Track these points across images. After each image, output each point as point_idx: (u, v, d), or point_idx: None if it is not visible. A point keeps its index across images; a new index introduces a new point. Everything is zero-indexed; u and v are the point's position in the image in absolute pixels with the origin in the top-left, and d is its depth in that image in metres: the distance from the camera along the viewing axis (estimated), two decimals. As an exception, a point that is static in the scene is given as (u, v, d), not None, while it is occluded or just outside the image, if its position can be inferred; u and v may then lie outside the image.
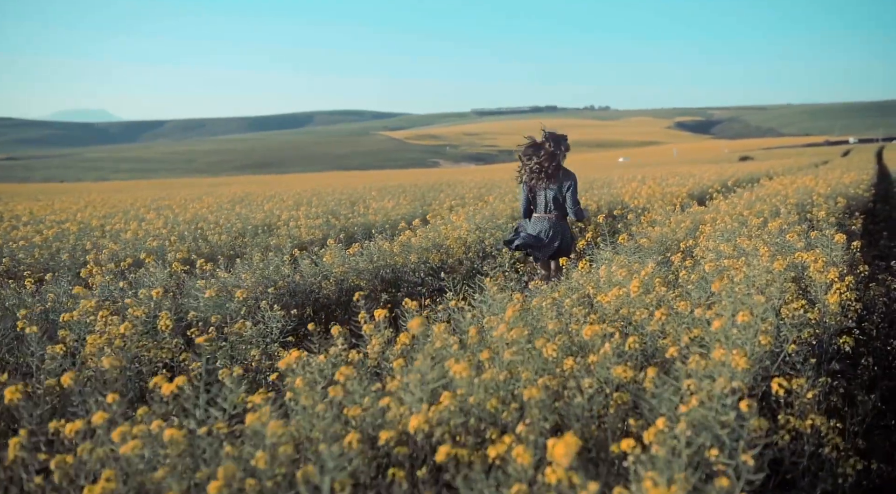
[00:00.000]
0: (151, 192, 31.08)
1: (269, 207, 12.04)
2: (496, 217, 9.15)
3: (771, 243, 5.70)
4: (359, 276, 5.97)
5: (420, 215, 11.48)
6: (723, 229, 7.29)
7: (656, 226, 8.47)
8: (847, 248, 6.03)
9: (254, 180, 53.97)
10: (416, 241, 6.57)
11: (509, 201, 11.62)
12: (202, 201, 16.27)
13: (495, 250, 7.87)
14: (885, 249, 10.16)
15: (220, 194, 22.20)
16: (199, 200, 17.09)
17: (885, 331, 5.29)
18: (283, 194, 21.00)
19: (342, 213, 10.67)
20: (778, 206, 8.56)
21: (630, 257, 5.44)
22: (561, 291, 4.22)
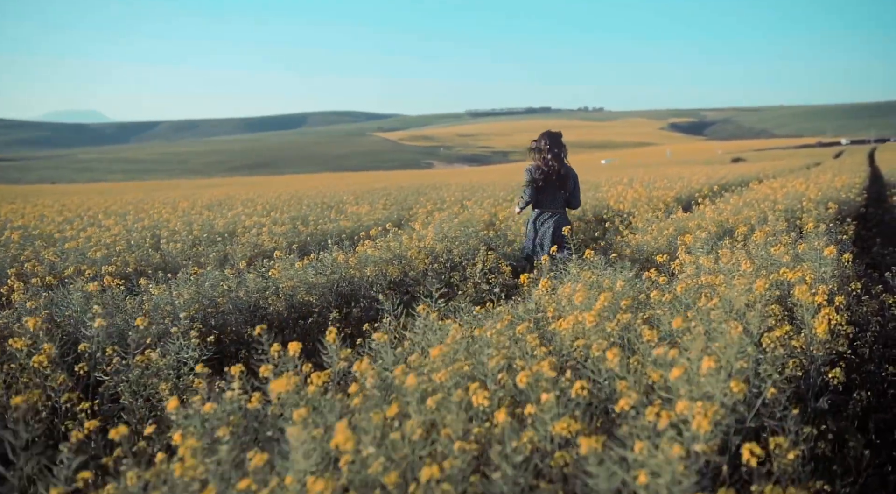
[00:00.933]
0: (134, 194, 30.50)
1: (235, 213, 11.51)
2: (471, 224, 8.68)
3: (756, 256, 5.25)
4: (310, 291, 5.49)
5: (396, 220, 11.01)
6: (706, 239, 6.84)
7: (638, 233, 8.02)
8: (838, 260, 5.59)
9: (242, 182, 53.40)
10: (373, 252, 6.07)
11: (488, 206, 11.15)
12: (176, 205, 15.75)
13: (466, 260, 7.40)
14: (879, 256, 9.71)
15: (200, 197, 21.67)
16: (173, 204, 16.56)
17: (879, 353, 4.85)
18: (263, 196, 20.49)
19: (311, 219, 10.17)
20: (766, 212, 8.12)
21: (602, 271, 4.97)
22: (509, 318, 3.75)
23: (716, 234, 6.74)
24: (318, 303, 5.41)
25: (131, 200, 22.16)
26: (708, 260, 4.87)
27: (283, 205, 14.66)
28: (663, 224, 7.97)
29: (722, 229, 7.27)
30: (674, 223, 7.94)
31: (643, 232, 7.87)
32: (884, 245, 10.50)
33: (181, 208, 15.31)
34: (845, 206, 10.55)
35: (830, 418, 3.47)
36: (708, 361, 2.22)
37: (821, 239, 5.74)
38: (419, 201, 14.70)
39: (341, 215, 11.03)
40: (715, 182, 16.50)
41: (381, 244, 6.56)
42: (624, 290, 4.05)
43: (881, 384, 4.50)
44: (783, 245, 5.77)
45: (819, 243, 4.99)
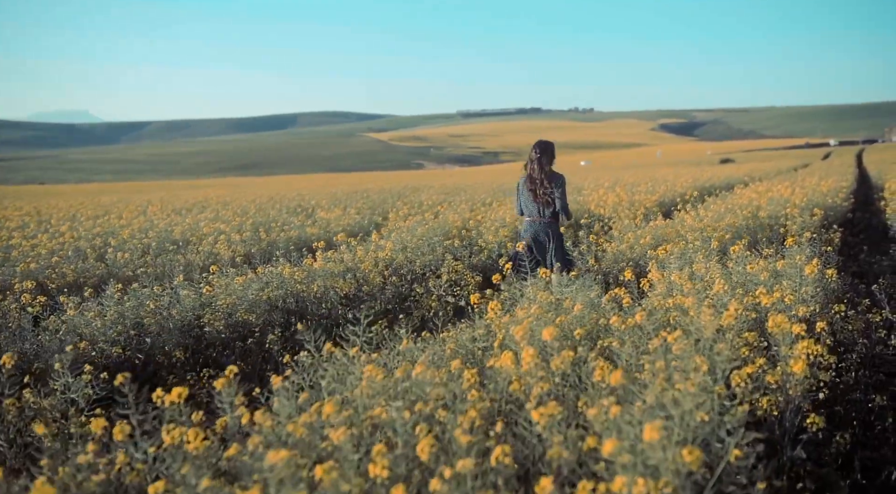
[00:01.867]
0: (113, 196, 29.89)
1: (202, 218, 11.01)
2: (437, 232, 8.24)
3: (734, 271, 4.83)
4: (251, 309, 5.03)
5: (367, 226, 10.56)
6: (683, 251, 6.43)
7: (614, 241, 7.61)
8: (821, 276, 5.18)
9: (227, 183, 52.77)
10: (322, 265, 5.60)
11: (463, 210, 10.73)
12: (146, 209, 15.25)
13: (430, 271, 6.96)
14: (866, 264, 9.34)
15: (176, 200, 21.14)
16: (144, 207, 16.06)
17: (865, 379, 4.45)
18: (239, 199, 19.99)
19: (274, 225, 9.70)
20: (748, 220, 7.73)
21: (563, 289, 4.55)
22: (451, 347, 3.31)
23: (693, 245, 6.33)
24: (258, 322, 4.95)
25: (107, 202, 21.60)
26: (681, 277, 4.45)
27: (256, 209, 14.19)
28: (640, 232, 7.56)
29: (702, 238, 6.86)
30: (651, 232, 7.54)
31: (619, 240, 7.46)
32: (871, 252, 10.13)
33: (150, 212, 14.81)
34: (831, 211, 10.18)
35: (810, 463, 3.06)
36: (651, 430, 1.79)
37: (804, 252, 5.34)
38: (396, 205, 14.25)
39: (309, 220, 10.57)
40: (700, 185, 16.10)
41: (333, 257, 6.11)
42: (582, 313, 3.63)
43: (867, 416, 4.10)
44: (763, 258, 5.37)
45: (801, 257, 4.57)
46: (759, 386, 2.97)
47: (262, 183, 48.05)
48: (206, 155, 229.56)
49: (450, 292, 6.65)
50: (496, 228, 8.44)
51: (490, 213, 10.39)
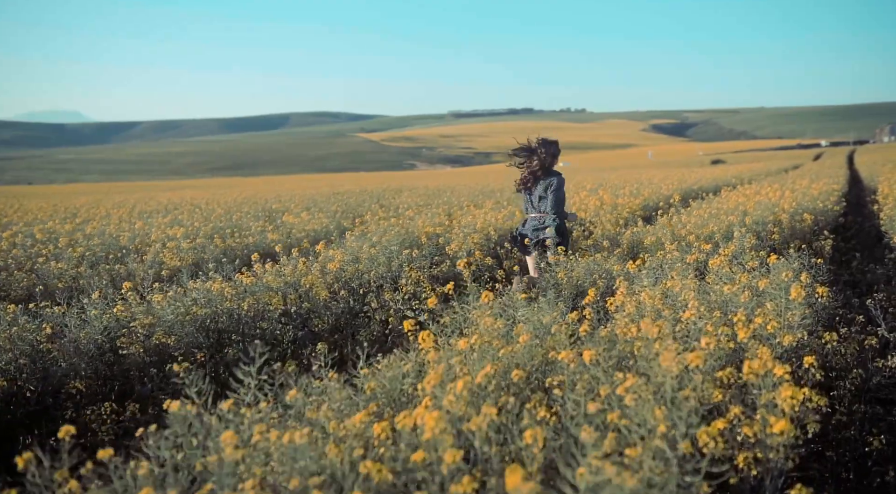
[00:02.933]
0: (89, 198, 29.18)
1: (146, 224, 10.36)
2: (406, 238, 7.68)
3: (713, 289, 4.29)
4: (170, 330, 4.46)
5: (334, 231, 9.98)
6: (659, 263, 5.90)
7: (587, 251, 7.07)
8: (811, 292, 4.65)
9: (212, 184, 52.06)
10: (250, 281, 5.01)
11: (436, 215, 10.17)
12: (109, 212, 14.62)
13: (387, 283, 6.39)
14: (859, 272, 8.83)
15: (149, 202, 20.50)
16: (107, 209, 15.43)
17: (860, 414, 3.91)
18: (216, 201, 19.38)
19: (229, 231, 9.11)
20: (733, 226, 7.20)
21: (518, 310, 4.00)
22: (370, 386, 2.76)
23: (671, 256, 5.80)
24: (177, 346, 4.38)
25: (79, 204, 20.92)
26: (651, 296, 3.91)
27: (224, 212, 13.60)
28: (619, 239, 7.04)
29: (680, 248, 6.33)
30: (628, 239, 7.00)
31: (596, 248, 6.92)
32: (864, 259, 9.63)
33: (116, 216, 14.19)
34: (822, 216, 9.68)
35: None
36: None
37: (791, 265, 4.81)
38: (371, 209, 13.68)
39: (270, 225, 9.99)
40: (687, 188, 15.59)
41: (271, 270, 5.52)
42: (530, 345, 3.07)
43: (863, 459, 3.57)
44: (747, 273, 4.83)
45: (787, 274, 4.03)
46: (734, 443, 2.43)
47: (246, 184, 47.37)
48: (195, 155, 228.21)
49: (408, 305, 6.09)
50: (465, 234, 7.89)
51: (464, 218, 9.82)
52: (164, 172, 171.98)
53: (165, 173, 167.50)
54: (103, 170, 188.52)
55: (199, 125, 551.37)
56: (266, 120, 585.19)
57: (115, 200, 24.20)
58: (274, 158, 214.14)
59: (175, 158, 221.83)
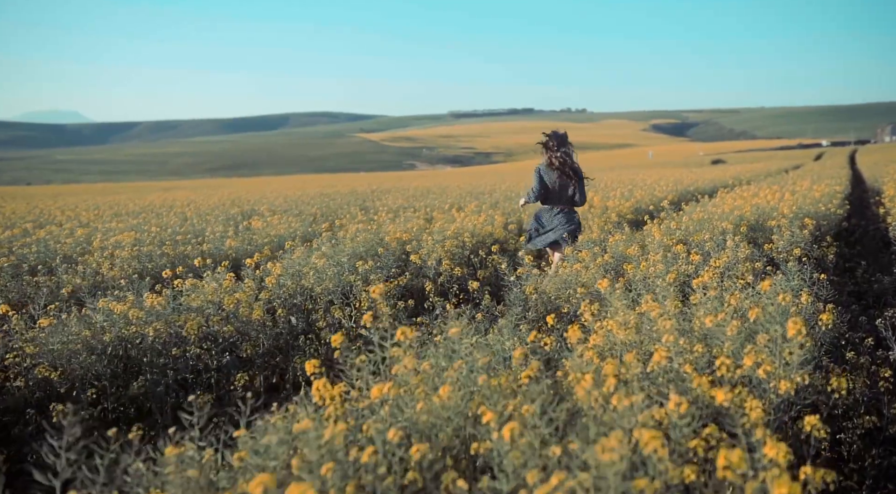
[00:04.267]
0: (75, 199, 28.50)
1: (88, 230, 9.63)
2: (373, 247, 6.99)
3: (696, 316, 3.62)
4: (56, 362, 3.79)
5: (304, 236, 9.31)
6: (644, 274, 5.22)
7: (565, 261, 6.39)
8: (813, 312, 3.98)
9: (204, 185, 51.38)
10: (161, 303, 4.30)
11: (404, 221, 9.49)
12: (79, 214, 13.95)
13: (340, 298, 5.70)
14: (864, 282, 8.15)
15: (130, 204, 19.83)
16: (76, 211, 14.76)
17: (877, 468, 3.22)
18: (196, 203, 18.71)
19: (178, 238, 8.43)
20: (727, 234, 6.52)
21: (464, 341, 3.33)
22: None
23: (655, 269, 5.13)
24: (62, 381, 3.71)
25: (54, 206, 20.24)
26: (618, 326, 3.23)
27: (195, 215, 12.93)
28: (596, 249, 6.36)
29: (668, 258, 5.66)
30: (611, 249, 6.33)
31: (573, 259, 6.24)
32: (869, 267, 8.94)
33: (85, 218, 13.53)
34: (824, 220, 9.00)
35: None
36: None
37: (790, 283, 4.13)
38: (351, 211, 13.01)
39: (231, 230, 9.30)
40: (683, 190, 14.88)
41: (191, 285, 4.83)
42: (453, 398, 2.40)
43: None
44: (737, 292, 4.16)
45: (785, 298, 3.36)
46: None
47: (239, 184, 46.67)
48: (194, 156, 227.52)
49: (361, 324, 5.42)
50: (434, 242, 7.21)
51: (438, 223, 9.12)
52: (163, 173, 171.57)
53: (164, 174, 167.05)
54: (102, 170, 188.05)
55: (198, 126, 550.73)
56: (265, 120, 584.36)
57: (96, 201, 23.52)
58: (273, 159, 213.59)
59: (173, 159, 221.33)
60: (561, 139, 6.73)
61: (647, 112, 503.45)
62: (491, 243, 9.05)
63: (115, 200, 23.41)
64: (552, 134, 6.77)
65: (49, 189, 54.19)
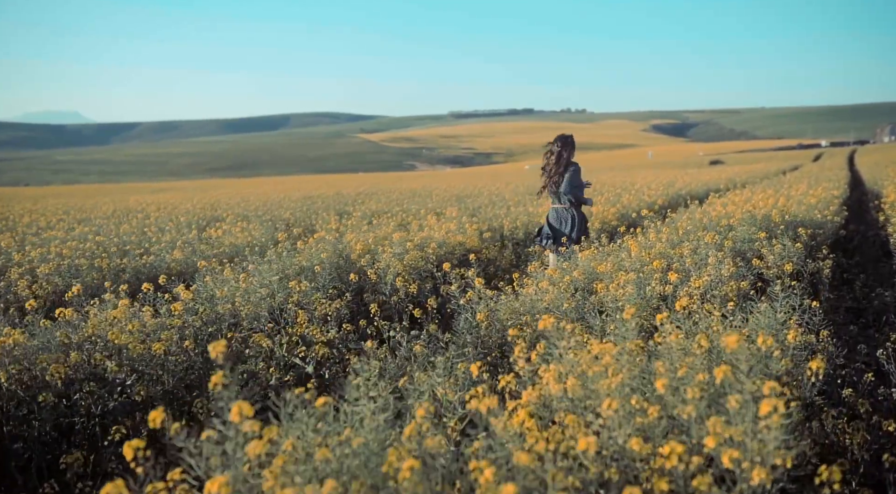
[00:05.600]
0: (57, 201, 27.84)
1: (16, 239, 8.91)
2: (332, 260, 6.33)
3: (663, 353, 2.98)
4: None
5: (262, 244, 8.65)
6: (613, 296, 4.58)
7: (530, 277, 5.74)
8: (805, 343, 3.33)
9: (197, 186, 50.72)
10: (17, 337, 3.61)
11: (360, 232, 8.85)
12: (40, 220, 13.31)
13: (269, 323, 5.05)
14: (863, 297, 7.50)
15: (103, 207, 19.18)
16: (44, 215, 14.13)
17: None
18: (168, 208, 18.07)
19: (114, 249, 7.78)
20: (710, 247, 5.87)
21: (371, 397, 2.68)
22: None
23: (622, 292, 4.49)
24: None
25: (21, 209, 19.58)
26: (555, 380, 2.59)
27: (154, 222, 12.29)
28: (565, 265, 5.71)
29: (641, 278, 5.01)
30: (584, 265, 5.68)
31: (538, 277, 5.61)
32: (868, 279, 8.29)
33: (43, 223, 12.89)
34: (821, 229, 8.35)
35: None
36: None
37: (775, 315, 3.48)
38: (324, 217, 12.36)
39: (182, 239, 8.64)
40: (674, 193, 14.21)
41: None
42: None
43: None
44: (715, 323, 3.51)
45: (766, 340, 2.71)
46: None
47: (232, 185, 46.01)
48: (194, 156, 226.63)
49: (293, 353, 4.78)
50: (389, 257, 6.56)
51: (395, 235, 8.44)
52: (163, 174, 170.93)
53: (164, 174, 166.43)
54: (102, 171, 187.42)
55: (198, 126, 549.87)
56: (266, 120, 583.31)
57: (75, 204, 22.84)
58: (273, 159, 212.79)
59: (174, 160, 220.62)
60: (563, 141, 7.06)
61: (647, 112, 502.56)
62: (462, 254, 8.41)
63: (93, 203, 22.75)
64: (557, 136, 7.14)
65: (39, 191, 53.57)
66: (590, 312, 4.62)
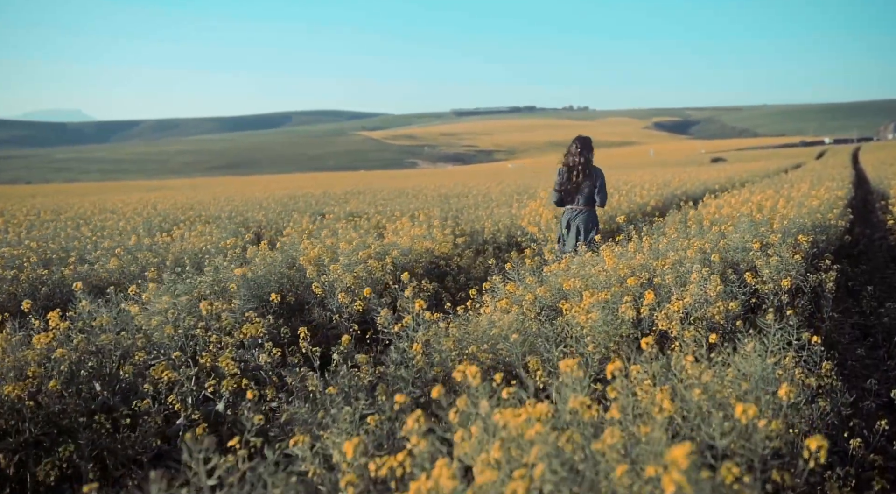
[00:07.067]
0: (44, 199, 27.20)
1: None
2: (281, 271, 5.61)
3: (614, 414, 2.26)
4: None
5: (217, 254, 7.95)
6: (578, 324, 3.86)
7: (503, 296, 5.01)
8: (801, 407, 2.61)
9: (191, 184, 50.05)
10: None
11: (326, 236, 8.13)
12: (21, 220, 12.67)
13: (166, 354, 4.34)
14: (871, 311, 6.74)
15: (76, 208, 18.51)
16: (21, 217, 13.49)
17: None
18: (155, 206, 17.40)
19: (54, 256, 7.08)
20: (694, 262, 5.14)
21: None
22: None
23: (584, 321, 3.77)
24: None
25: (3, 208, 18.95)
26: (448, 477, 1.88)
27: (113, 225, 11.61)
28: (530, 279, 4.99)
29: (614, 296, 4.29)
30: (548, 280, 4.96)
31: (505, 295, 4.89)
32: (876, 291, 7.52)
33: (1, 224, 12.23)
34: (823, 234, 7.61)
35: None
36: None
37: (764, 359, 2.77)
38: (295, 219, 11.65)
39: (112, 243, 7.94)
40: (669, 193, 13.45)
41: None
42: None
43: None
44: (689, 366, 2.79)
45: (748, 410, 2.00)
46: None
47: (226, 184, 45.32)
48: (195, 154, 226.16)
49: (201, 387, 4.07)
50: (339, 269, 5.83)
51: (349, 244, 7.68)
52: (163, 172, 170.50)
53: (164, 172, 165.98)
54: (103, 169, 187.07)
55: (200, 124, 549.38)
56: (268, 119, 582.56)
57: (55, 203, 22.18)
58: (274, 157, 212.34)
59: (174, 158, 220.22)
60: (583, 143, 6.95)
61: (649, 110, 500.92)
62: (430, 262, 7.69)
63: (74, 202, 22.07)
64: (576, 138, 7.05)
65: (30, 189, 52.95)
66: (550, 340, 3.90)
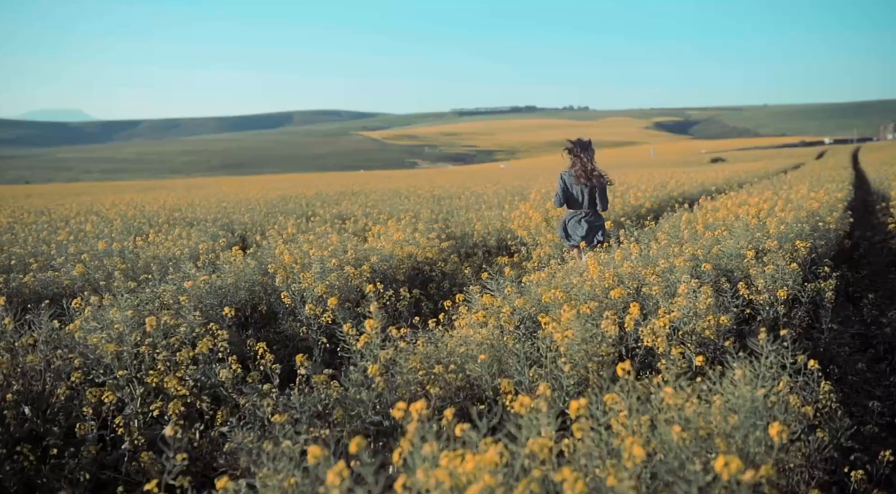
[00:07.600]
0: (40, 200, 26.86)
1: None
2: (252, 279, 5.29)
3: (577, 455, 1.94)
4: None
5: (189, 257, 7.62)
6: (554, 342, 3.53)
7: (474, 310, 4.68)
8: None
9: (188, 184, 49.71)
10: None
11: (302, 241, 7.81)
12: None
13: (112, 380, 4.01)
14: (871, 320, 6.41)
15: (68, 207, 18.20)
16: None
17: None
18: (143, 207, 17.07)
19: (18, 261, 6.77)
20: (682, 273, 4.81)
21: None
22: None
23: (559, 338, 3.44)
24: None
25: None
26: None
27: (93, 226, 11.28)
28: (509, 289, 4.66)
29: (596, 310, 3.97)
30: (529, 297, 4.63)
31: (479, 307, 4.56)
32: (877, 298, 7.19)
33: None
34: (822, 239, 7.28)
35: None
36: None
37: (754, 391, 2.44)
38: (280, 222, 11.31)
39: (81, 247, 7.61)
40: (665, 195, 13.10)
41: None
42: None
43: None
44: (668, 396, 2.47)
45: (730, 463, 1.68)
46: None
47: (222, 184, 44.97)
48: (196, 154, 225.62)
49: (148, 412, 3.75)
50: (310, 277, 5.50)
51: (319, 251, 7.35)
52: (164, 171, 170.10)
53: (165, 172, 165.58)
54: (104, 168, 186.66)
55: (201, 124, 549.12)
56: (269, 118, 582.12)
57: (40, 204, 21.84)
58: (274, 157, 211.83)
59: (176, 157, 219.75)
60: (584, 146, 6.84)
61: (650, 110, 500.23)
62: (412, 268, 7.37)
63: (62, 203, 21.73)
64: (576, 141, 6.90)
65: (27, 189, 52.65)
66: (523, 361, 3.57)
